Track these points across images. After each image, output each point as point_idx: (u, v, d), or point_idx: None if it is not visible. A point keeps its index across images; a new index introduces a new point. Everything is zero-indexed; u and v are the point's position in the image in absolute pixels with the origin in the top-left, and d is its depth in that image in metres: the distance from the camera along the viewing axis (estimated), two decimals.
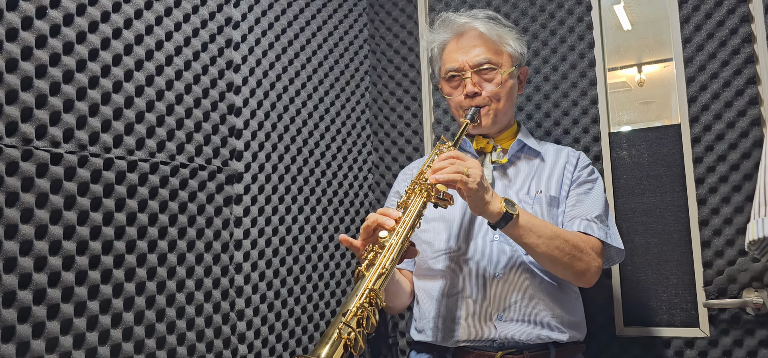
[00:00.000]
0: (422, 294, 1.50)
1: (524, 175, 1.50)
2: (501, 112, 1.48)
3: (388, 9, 2.09)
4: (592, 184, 1.48)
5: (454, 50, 1.51)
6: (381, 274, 1.10)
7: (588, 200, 1.44)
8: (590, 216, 1.40)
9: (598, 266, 1.37)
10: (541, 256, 1.32)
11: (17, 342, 1.07)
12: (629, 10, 1.85)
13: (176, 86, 1.44)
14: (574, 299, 1.46)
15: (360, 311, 1.01)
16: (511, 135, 1.56)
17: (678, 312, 1.65)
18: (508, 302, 1.37)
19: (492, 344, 1.38)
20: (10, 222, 1.08)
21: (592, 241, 1.37)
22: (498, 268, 1.40)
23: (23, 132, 1.11)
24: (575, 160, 1.50)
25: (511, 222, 1.28)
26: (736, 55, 1.61)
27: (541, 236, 1.30)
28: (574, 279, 1.37)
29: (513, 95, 1.52)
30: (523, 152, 1.54)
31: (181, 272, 1.40)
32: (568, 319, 1.41)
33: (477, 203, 1.27)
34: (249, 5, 1.67)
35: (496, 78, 1.46)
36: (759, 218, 1.16)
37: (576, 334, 1.42)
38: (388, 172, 2.04)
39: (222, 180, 1.53)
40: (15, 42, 1.11)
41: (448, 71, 1.50)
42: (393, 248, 1.15)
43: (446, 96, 1.54)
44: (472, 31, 1.50)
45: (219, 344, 1.48)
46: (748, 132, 1.58)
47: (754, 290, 1.55)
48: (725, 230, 1.59)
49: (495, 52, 1.48)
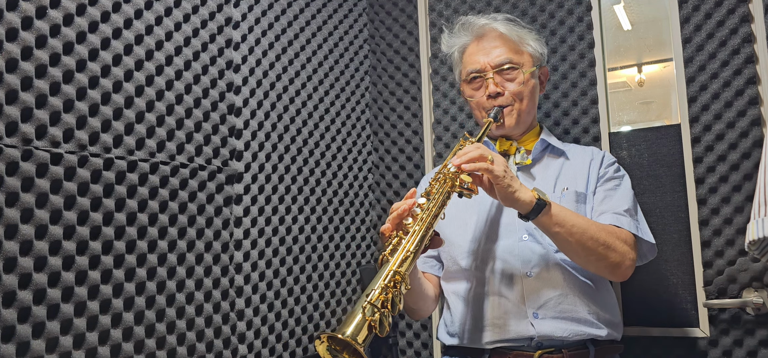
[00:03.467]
0: (452, 297, 1.47)
1: (549, 173, 1.48)
2: (524, 111, 1.47)
3: (388, 9, 2.09)
4: (619, 180, 1.45)
5: (474, 52, 1.50)
6: (405, 257, 1.09)
7: (616, 195, 1.42)
8: (619, 210, 1.38)
9: (633, 259, 1.34)
10: (573, 247, 1.29)
11: (17, 342, 1.07)
12: (629, 10, 1.85)
13: (176, 86, 1.44)
14: (609, 298, 1.43)
15: (384, 293, 1.00)
16: (534, 136, 1.55)
17: (678, 312, 1.65)
18: (543, 299, 1.35)
19: (530, 344, 1.35)
20: (10, 222, 1.08)
21: (624, 234, 1.34)
22: (529, 266, 1.37)
23: (23, 132, 1.11)
24: (600, 158, 1.49)
25: (543, 210, 1.25)
26: (736, 55, 1.61)
27: (573, 226, 1.27)
28: (608, 273, 1.34)
29: (535, 95, 1.51)
30: (547, 152, 1.52)
31: (181, 272, 1.40)
32: (604, 316, 1.38)
33: (505, 192, 1.23)
34: (249, 5, 1.67)
35: (518, 77, 1.45)
36: (759, 218, 1.16)
37: (613, 332, 1.39)
38: (388, 172, 2.04)
39: (222, 180, 1.53)
40: (15, 42, 1.11)
41: (470, 73, 1.49)
42: (417, 234, 1.14)
43: (468, 99, 1.52)
44: (492, 32, 1.49)
45: (219, 344, 1.48)
46: (748, 132, 1.58)
47: (754, 290, 1.55)
48: (725, 230, 1.59)
49: (516, 52, 1.47)
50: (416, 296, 1.43)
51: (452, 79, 1.96)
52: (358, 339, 0.93)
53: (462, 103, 1.93)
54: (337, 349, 0.95)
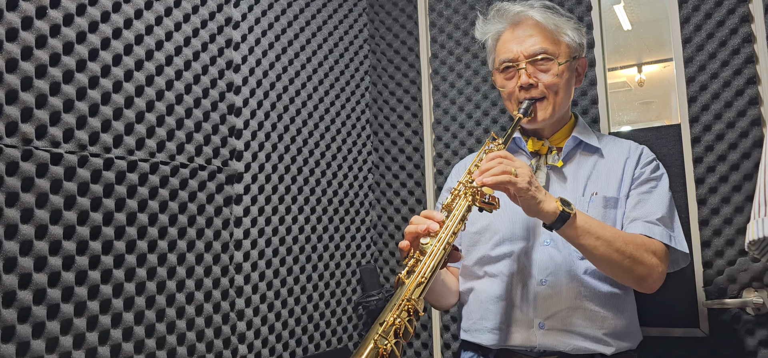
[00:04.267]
0: (468, 294, 1.45)
1: (580, 174, 1.41)
2: (558, 105, 1.40)
3: (388, 9, 2.09)
4: (656, 182, 1.38)
5: (509, 40, 1.42)
6: (420, 282, 1.08)
7: (650, 200, 1.35)
8: (652, 218, 1.31)
9: (662, 271, 1.29)
10: (599, 259, 1.24)
11: (17, 342, 1.07)
12: (629, 10, 1.85)
13: (176, 86, 1.44)
14: (628, 307, 1.37)
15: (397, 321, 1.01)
16: (566, 132, 1.47)
17: (678, 312, 1.65)
18: (551, 310, 1.32)
19: (532, 350, 1.33)
20: (10, 222, 1.08)
21: (654, 244, 1.29)
22: (545, 274, 1.33)
23: (23, 132, 1.11)
24: (637, 157, 1.41)
25: (567, 222, 1.21)
26: (736, 55, 1.61)
27: (599, 238, 1.22)
28: (634, 285, 1.30)
29: (570, 88, 1.43)
30: (580, 149, 1.45)
31: (181, 272, 1.40)
32: (620, 330, 1.32)
33: (529, 203, 1.20)
34: (249, 5, 1.67)
35: (552, 69, 1.38)
36: (759, 218, 1.16)
37: (625, 344, 1.34)
38: (388, 172, 2.04)
39: (222, 180, 1.53)
40: (15, 42, 1.11)
41: (502, 62, 1.42)
42: (434, 256, 1.12)
43: (500, 88, 1.46)
44: (528, 20, 1.42)
45: (219, 344, 1.48)
46: (748, 132, 1.58)
47: (754, 290, 1.55)
48: (725, 230, 1.59)
49: (552, 41, 1.39)
50: (438, 295, 1.43)
51: (452, 79, 1.96)
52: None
53: (462, 103, 1.93)
54: None
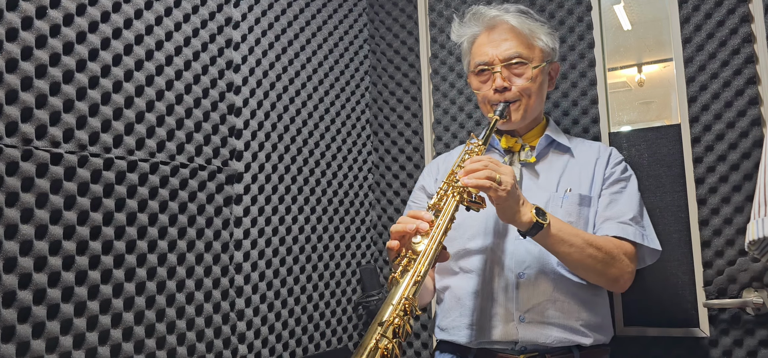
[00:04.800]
0: (445, 292, 1.47)
1: (553, 171, 1.47)
2: (531, 108, 1.45)
3: (388, 9, 2.09)
4: (626, 182, 1.44)
5: (484, 44, 1.47)
6: (416, 281, 1.09)
7: (622, 200, 1.40)
8: (625, 218, 1.36)
9: (632, 271, 1.35)
10: (572, 264, 1.30)
11: (17, 342, 1.07)
12: (629, 10, 1.85)
13: (176, 86, 1.44)
14: (601, 302, 1.42)
15: (396, 320, 1.02)
16: (539, 131, 1.53)
17: (678, 312, 1.65)
18: (531, 303, 1.35)
19: (514, 347, 1.35)
20: (10, 222, 1.08)
21: (625, 246, 1.34)
22: (523, 267, 1.37)
23: (23, 132, 1.11)
24: (607, 157, 1.47)
25: (541, 232, 1.25)
26: (736, 55, 1.61)
27: (572, 245, 1.27)
28: (607, 285, 1.35)
29: (543, 91, 1.49)
30: (552, 148, 1.51)
31: (181, 272, 1.40)
32: (594, 322, 1.37)
33: (506, 212, 1.24)
34: (249, 5, 1.67)
35: (526, 72, 1.43)
36: (759, 218, 1.16)
37: (601, 337, 1.39)
38: (388, 173, 2.04)
39: (222, 180, 1.53)
40: (15, 42, 1.11)
41: (478, 65, 1.47)
42: (427, 255, 1.13)
43: (475, 90, 1.50)
44: (503, 24, 1.46)
45: (219, 344, 1.48)
46: (748, 132, 1.58)
47: (754, 290, 1.55)
48: (725, 230, 1.59)
49: (526, 46, 1.44)
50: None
51: (452, 79, 1.96)
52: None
53: (462, 103, 1.93)
54: None
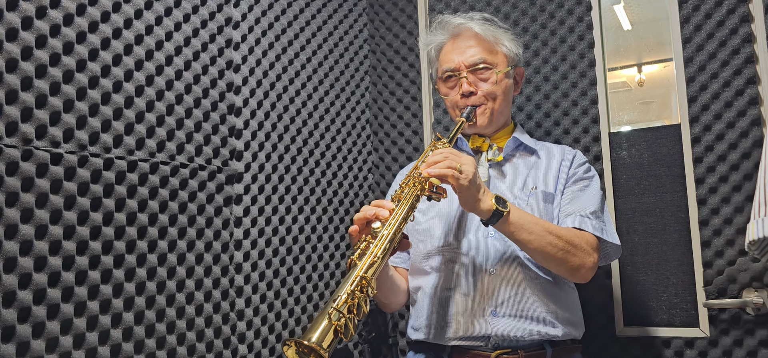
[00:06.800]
0: (417, 292, 1.50)
1: (519, 172, 1.51)
2: (497, 111, 1.50)
3: (388, 9, 2.09)
4: (588, 181, 1.48)
5: (450, 51, 1.53)
6: (372, 262, 1.12)
7: (583, 196, 1.45)
8: (585, 212, 1.40)
9: (594, 261, 1.37)
10: (534, 251, 1.33)
11: (17, 342, 1.07)
12: (629, 10, 1.85)
13: (176, 86, 1.44)
14: (570, 296, 1.46)
15: (351, 298, 1.03)
16: (507, 133, 1.57)
17: (678, 312, 1.65)
18: (502, 296, 1.38)
19: (487, 344, 1.38)
20: (10, 222, 1.08)
21: (586, 236, 1.37)
22: (492, 263, 1.40)
23: (23, 132, 1.11)
24: (571, 158, 1.51)
25: (501, 219, 1.29)
26: (736, 55, 1.61)
27: (532, 233, 1.31)
28: (569, 275, 1.38)
29: (509, 95, 1.54)
30: (519, 150, 1.55)
31: (181, 272, 1.40)
32: (563, 315, 1.41)
33: (468, 200, 1.28)
34: (249, 5, 1.67)
35: (491, 77, 1.48)
36: (759, 218, 1.16)
37: (572, 331, 1.42)
38: (388, 173, 2.04)
39: (222, 180, 1.53)
40: (15, 42, 1.11)
41: (445, 71, 1.53)
42: (385, 239, 1.17)
43: (443, 96, 1.56)
44: (467, 31, 1.52)
45: (219, 344, 1.48)
46: (748, 132, 1.58)
47: (754, 290, 1.55)
48: (725, 230, 1.59)
49: (490, 52, 1.50)
50: (387, 290, 1.46)
51: None
52: (322, 344, 0.96)
53: None
54: (305, 352, 0.98)
